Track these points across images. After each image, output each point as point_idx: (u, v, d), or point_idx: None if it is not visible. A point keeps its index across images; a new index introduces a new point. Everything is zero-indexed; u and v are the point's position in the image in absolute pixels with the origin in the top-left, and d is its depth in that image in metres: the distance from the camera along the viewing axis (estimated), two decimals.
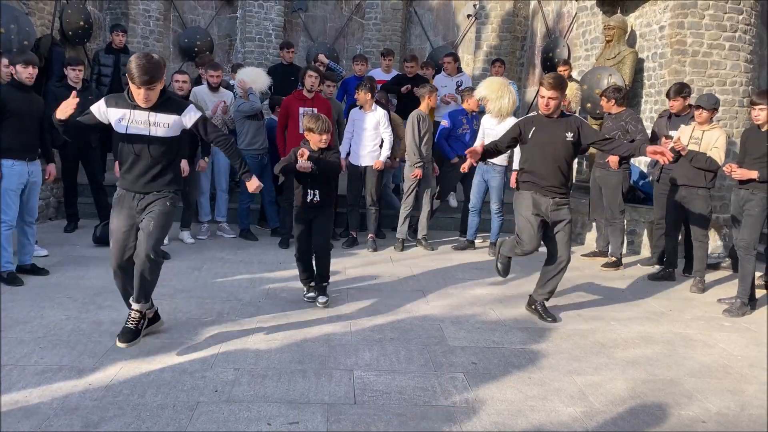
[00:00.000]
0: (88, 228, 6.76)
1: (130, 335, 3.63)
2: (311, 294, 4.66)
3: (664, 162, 4.11)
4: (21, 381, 3.15)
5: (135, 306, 3.68)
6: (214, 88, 6.73)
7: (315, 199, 4.59)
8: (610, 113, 6.20)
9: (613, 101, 6.11)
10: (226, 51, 12.37)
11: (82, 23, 8.55)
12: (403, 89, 7.56)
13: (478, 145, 5.80)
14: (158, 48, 11.21)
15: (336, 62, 8.95)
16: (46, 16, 7.94)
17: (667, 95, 6.00)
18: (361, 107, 6.56)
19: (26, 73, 4.93)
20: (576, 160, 8.53)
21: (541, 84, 4.34)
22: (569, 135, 4.32)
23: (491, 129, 6.37)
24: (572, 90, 6.74)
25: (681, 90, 5.86)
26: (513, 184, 6.33)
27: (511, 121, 6.32)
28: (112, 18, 10.54)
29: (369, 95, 6.44)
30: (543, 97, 4.30)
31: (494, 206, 6.60)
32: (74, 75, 6.45)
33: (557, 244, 4.46)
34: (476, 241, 6.90)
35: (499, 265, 4.93)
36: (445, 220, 7.72)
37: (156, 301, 4.52)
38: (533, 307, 4.59)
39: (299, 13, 12.50)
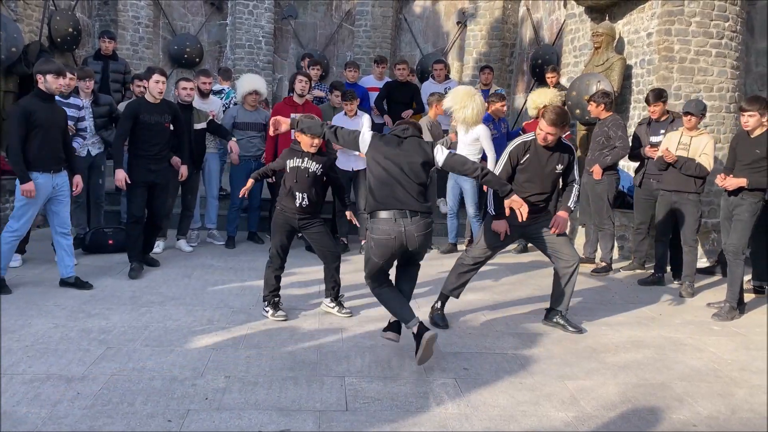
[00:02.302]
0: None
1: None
2: (281, 313, 4.42)
3: (653, 155, 4.04)
4: (9, 390, 3.12)
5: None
6: (204, 95, 6.72)
7: (303, 202, 4.42)
8: (599, 118, 6.24)
9: (603, 106, 6.14)
10: (216, 58, 12.35)
11: (70, 30, 8.51)
12: (403, 114, 7.56)
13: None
14: (148, 55, 11.18)
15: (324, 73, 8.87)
16: (35, 23, 7.89)
17: (647, 101, 6.04)
18: (345, 113, 6.58)
19: (57, 84, 4.79)
20: None
21: (541, 116, 4.14)
22: (559, 167, 4.28)
23: (461, 135, 6.47)
24: (556, 97, 6.74)
25: (660, 95, 5.91)
26: None
27: (479, 129, 6.35)
28: (101, 25, 10.50)
29: (355, 104, 6.51)
30: (542, 131, 4.12)
31: (470, 210, 6.59)
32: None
33: (557, 245, 4.35)
34: (458, 244, 6.96)
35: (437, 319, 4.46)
36: (435, 226, 7.73)
37: (145, 309, 4.53)
38: (554, 320, 4.45)
39: (289, 20, 12.51)
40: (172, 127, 5.57)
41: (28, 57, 7.20)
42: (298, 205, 4.40)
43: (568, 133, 6.71)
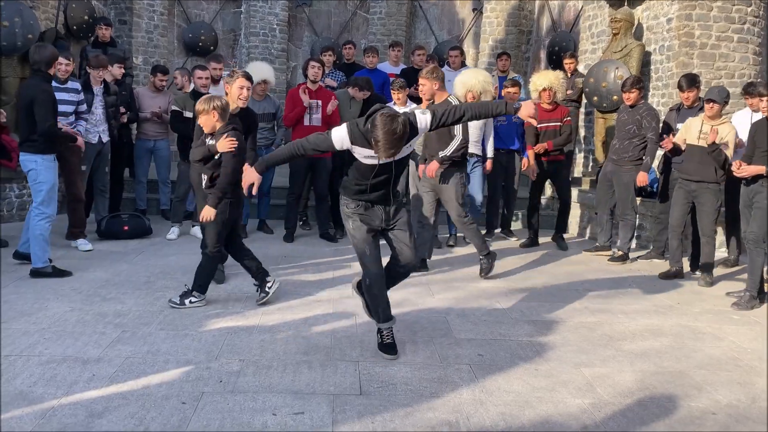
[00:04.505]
0: (91, 223, 6.75)
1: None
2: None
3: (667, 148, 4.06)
4: (25, 371, 3.14)
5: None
6: (215, 81, 6.71)
7: (207, 183, 4.33)
8: (632, 106, 5.96)
9: (643, 92, 5.99)
10: (231, 46, 12.34)
11: (86, 17, 8.53)
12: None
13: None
14: (163, 43, 11.19)
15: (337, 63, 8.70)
16: (51, 10, 7.92)
17: (680, 88, 5.85)
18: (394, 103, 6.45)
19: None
20: (582, 154, 8.49)
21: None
22: None
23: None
24: (558, 79, 6.54)
25: (694, 80, 5.75)
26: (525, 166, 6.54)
27: None
28: (117, 12, 10.53)
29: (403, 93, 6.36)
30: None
31: (478, 197, 6.47)
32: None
33: (445, 201, 5.38)
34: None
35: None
36: (444, 214, 7.61)
37: (159, 293, 4.55)
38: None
39: (303, 8, 12.46)
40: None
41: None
42: (205, 187, 4.37)
43: (568, 119, 6.51)
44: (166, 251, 5.86)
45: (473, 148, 6.30)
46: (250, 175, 3.45)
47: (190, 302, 4.27)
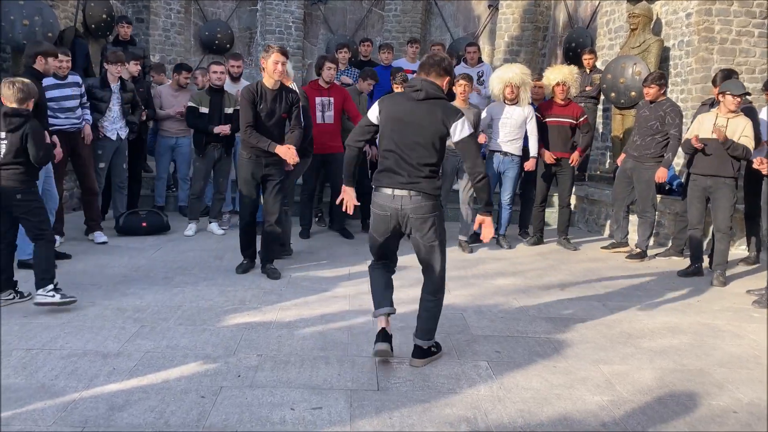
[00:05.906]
0: (110, 219, 6.81)
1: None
2: None
3: (697, 146, 3.99)
4: (47, 365, 3.18)
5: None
6: (234, 78, 6.74)
7: None
8: (652, 102, 5.89)
9: (665, 89, 5.91)
10: (247, 44, 12.41)
11: (104, 16, 8.61)
12: None
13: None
14: (179, 41, 11.27)
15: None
16: (70, 9, 8.01)
17: (713, 83, 5.78)
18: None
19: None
20: (599, 151, 8.41)
21: None
22: None
23: (508, 117, 6.14)
24: (572, 74, 6.39)
25: (730, 76, 5.67)
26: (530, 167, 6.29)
27: (529, 110, 6.18)
28: (134, 11, 10.62)
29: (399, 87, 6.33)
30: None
31: (506, 198, 6.41)
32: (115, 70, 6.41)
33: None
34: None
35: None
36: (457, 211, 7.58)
37: (178, 289, 4.58)
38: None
39: (319, 6, 12.48)
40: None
41: (63, 42, 7.31)
42: None
43: (585, 117, 6.39)
44: (183, 247, 5.91)
45: (509, 147, 6.20)
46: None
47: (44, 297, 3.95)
